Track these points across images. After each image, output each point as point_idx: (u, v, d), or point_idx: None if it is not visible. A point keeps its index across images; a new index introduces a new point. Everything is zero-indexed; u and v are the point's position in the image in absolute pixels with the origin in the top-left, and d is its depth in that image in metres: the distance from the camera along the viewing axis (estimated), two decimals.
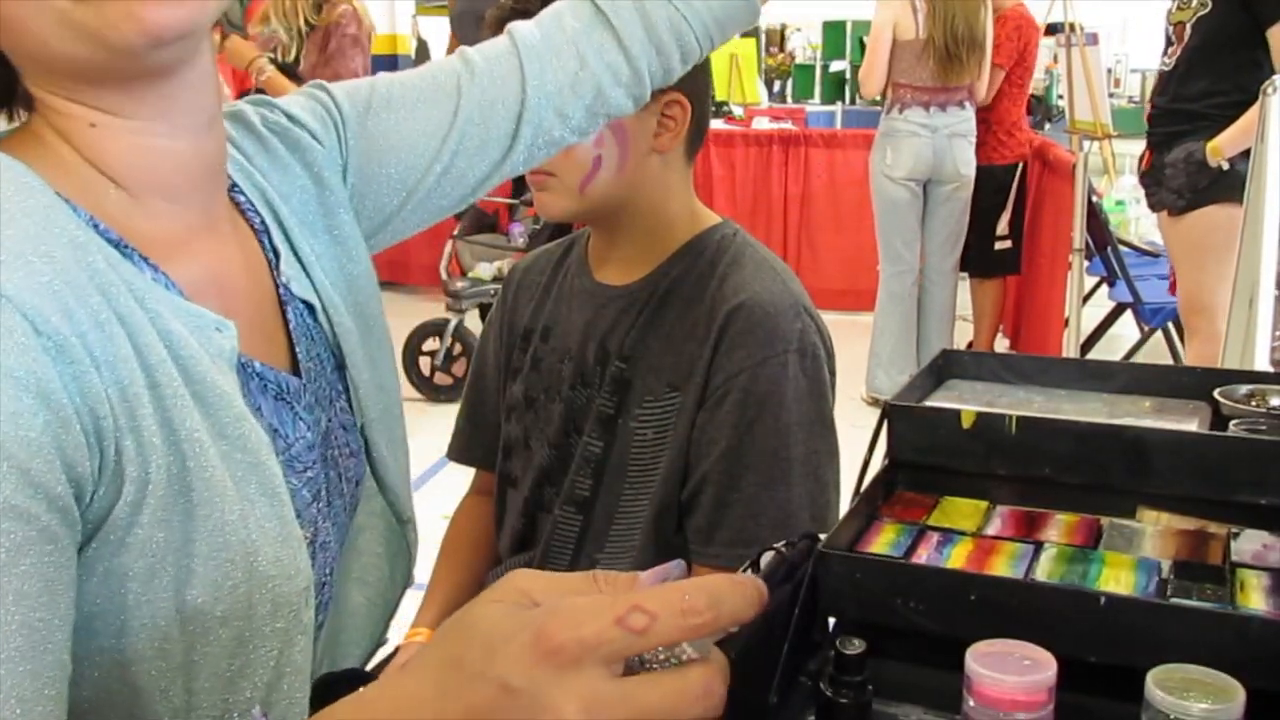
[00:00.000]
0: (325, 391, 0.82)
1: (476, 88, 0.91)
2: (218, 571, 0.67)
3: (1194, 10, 2.99)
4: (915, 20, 4.04)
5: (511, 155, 0.93)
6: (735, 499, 1.17)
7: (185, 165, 0.72)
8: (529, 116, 0.91)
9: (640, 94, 0.96)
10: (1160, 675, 0.57)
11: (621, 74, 0.93)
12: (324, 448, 0.81)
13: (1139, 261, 4.38)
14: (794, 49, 9.32)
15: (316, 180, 0.86)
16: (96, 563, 0.63)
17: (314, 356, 0.82)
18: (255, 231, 0.81)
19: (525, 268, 1.43)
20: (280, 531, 0.70)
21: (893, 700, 0.69)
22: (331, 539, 0.81)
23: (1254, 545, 0.76)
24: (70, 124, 0.69)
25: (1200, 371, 0.96)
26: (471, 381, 1.47)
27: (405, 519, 0.92)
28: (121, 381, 0.63)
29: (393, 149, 0.90)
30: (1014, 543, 0.78)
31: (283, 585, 0.70)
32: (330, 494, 0.81)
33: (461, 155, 0.91)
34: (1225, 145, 2.88)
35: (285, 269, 0.81)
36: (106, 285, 0.64)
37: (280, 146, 0.85)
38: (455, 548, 1.44)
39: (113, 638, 0.64)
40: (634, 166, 1.23)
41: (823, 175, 5.73)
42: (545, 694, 0.42)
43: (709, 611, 0.43)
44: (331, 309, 0.84)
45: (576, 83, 0.92)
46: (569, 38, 0.92)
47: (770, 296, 1.20)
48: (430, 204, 0.93)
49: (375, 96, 0.90)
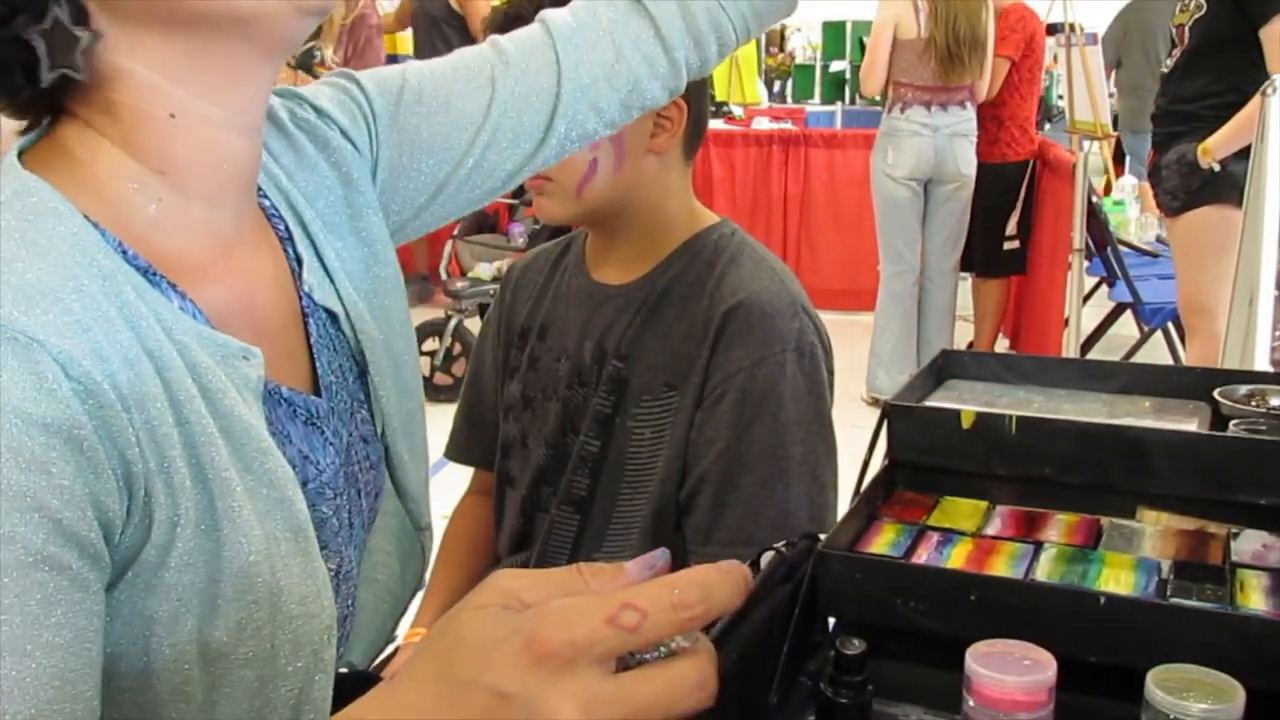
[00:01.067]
0: (346, 404, 0.81)
1: (511, 78, 0.88)
2: (242, 613, 0.65)
3: (1191, 12, 3.00)
4: (917, 19, 4.04)
5: (544, 148, 0.90)
6: (733, 498, 1.17)
7: (241, 166, 0.72)
8: (563, 110, 0.88)
9: (676, 86, 0.93)
10: (1160, 675, 0.57)
11: (659, 66, 0.90)
12: (345, 465, 0.79)
13: (1139, 261, 4.38)
14: (794, 49, 9.32)
15: (345, 180, 0.84)
16: (123, 605, 0.62)
17: (335, 369, 0.80)
18: (280, 238, 0.79)
19: (523, 267, 1.43)
20: (305, 569, 0.69)
21: (893, 700, 0.69)
22: (353, 564, 0.80)
23: (1254, 545, 0.76)
24: (150, 115, 0.67)
25: (1200, 371, 0.96)
26: (469, 381, 1.47)
27: (423, 525, 0.91)
28: (151, 422, 0.62)
29: (424, 144, 0.87)
30: (1014, 543, 0.78)
31: (305, 625, 0.69)
32: (352, 515, 0.80)
33: (494, 148, 0.88)
34: (1216, 147, 2.88)
35: (308, 277, 0.79)
36: (135, 319, 0.63)
37: (309, 145, 0.83)
38: (454, 547, 1.44)
39: (134, 679, 0.63)
40: (631, 168, 1.23)
41: (823, 175, 5.73)
42: (541, 698, 0.41)
43: (700, 605, 0.43)
44: (355, 316, 0.82)
45: (612, 75, 0.89)
46: (605, 28, 0.89)
47: (768, 296, 1.20)
48: (460, 197, 0.90)
49: (407, 89, 0.87)
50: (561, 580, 0.46)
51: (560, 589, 0.45)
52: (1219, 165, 2.89)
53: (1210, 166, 2.90)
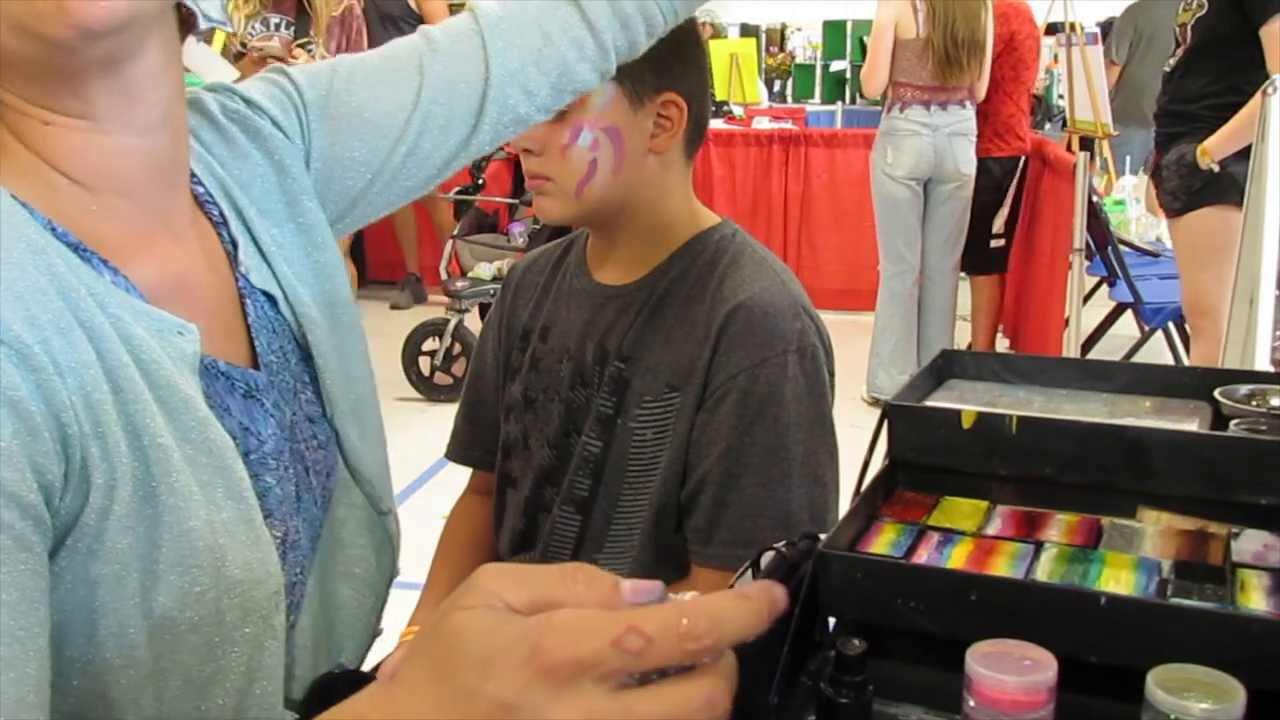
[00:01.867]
0: (289, 384, 0.82)
1: (439, 64, 0.90)
2: (185, 578, 0.66)
3: (1193, 12, 2.99)
4: (916, 20, 4.04)
5: (477, 133, 0.92)
6: (734, 499, 1.17)
7: (140, 162, 0.72)
8: (493, 94, 0.90)
9: (606, 69, 0.95)
10: (1160, 675, 0.57)
11: (587, 49, 0.92)
12: (291, 442, 0.80)
13: (1139, 261, 4.37)
14: (794, 49, 9.31)
15: (278, 168, 0.86)
16: (65, 571, 0.63)
17: (275, 349, 0.82)
18: (214, 224, 0.81)
19: (524, 268, 1.43)
20: (248, 536, 0.70)
21: (893, 700, 0.69)
22: (302, 536, 0.81)
23: (1254, 545, 0.76)
24: (26, 123, 0.68)
25: (1200, 371, 0.96)
26: (470, 382, 1.47)
27: (384, 510, 0.91)
28: (85, 387, 0.63)
29: (356, 130, 0.89)
30: (1014, 543, 0.78)
31: (252, 590, 0.70)
32: (300, 489, 0.81)
33: (426, 135, 0.90)
34: (1215, 147, 2.87)
35: (244, 259, 0.81)
36: (67, 289, 0.64)
37: (240, 135, 0.85)
38: (451, 547, 1.44)
39: (81, 647, 0.64)
40: (631, 168, 1.23)
41: (823, 175, 5.72)
42: (543, 711, 0.41)
43: (709, 636, 0.43)
44: (295, 299, 0.83)
45: (541, 59, 0.91)
46: (532, 14, 0.91)
47: (769, 297, 1.20)
48: (397, 185, 0.92)
49: (337, 78, 0.90)
50: (547, 582, 0.45)
51: (546, 594, 0.44)
52: (1218, 166, 2.89)
53: (1210, 168, 2.90)
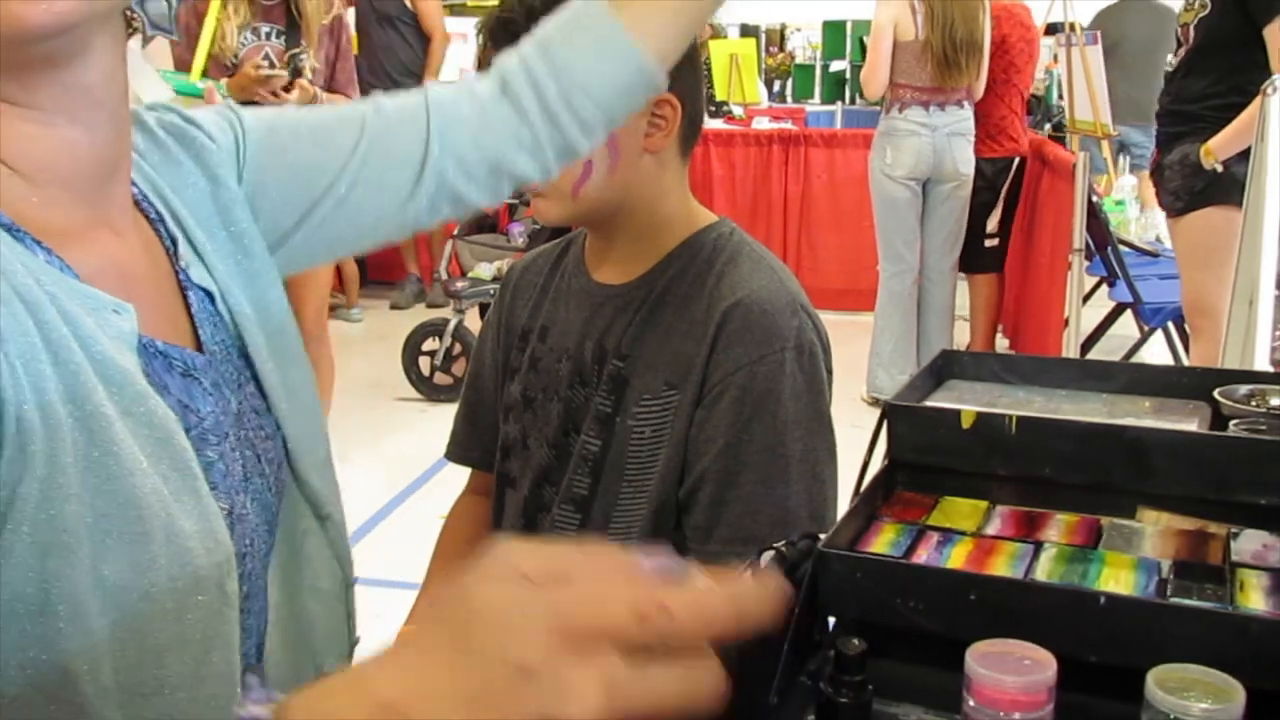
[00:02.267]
0: (233, 375, 0.83)
1: (382, 124, 0.94)
2: (134, 546, 0.67)
3: (1196, 11, 2.99)
4: (914, 21, 4.04)
5: (414, 201, 0.94)
6: (733, 496, 1.17)
7: (83, 156, 0.73)
8: (431, 164, 0.94)
9: (544, 162, 0.97)
10: (1160, 675, 0.57)
11: (524, 140, 0.96)
12: (238, 428, 0.81)
13: (1139, 261, 4.38)
14: (794, 49, 9.29)
15: (211, 179, 0.88)
16: (14, 545, 0.63)
17: (218, 341, 0.83)
18: (151, 221, 0.82)
19: (523, 268, 1.43)
20: (196, 506, 0.71)
21: (893, 700, 0.69)
22: (250, 513, 0.81)
23: (1254, 545, 0.76)
24: None
25: (1200, 371, 0.96)
26: (469, 382, 1.47)
27: (324, 514, 0.92)
28: (25, 355, 0.64)
29: (289, 166, 0.92)
30: (1014, 543, 0.78)
31: (202, 559, 0.70)
32: (249, 471, 0.82)
33: (360, 186, 0.93)
34: (1219, 148, 2.87)
35: (184, 254, 0.83)
36: (3, 264, 0.65)
37: (174, 145, 0.87)
38: (449, 548, 1.44)
39: (33, 620, 0.64)
40: (626, 168, 1.23)
41: (823, 175, 5.73)
42: (565, 676, 0.41)
43: (729, 618, 0.44)
44: (230, 298, 0.85)
45: (478, 142, 0.95)
46: (478, 105, 0.96)
47: (767, 294, 1.20)
48: (327, 232, 0.94)
49: (281, 117, 0.94)
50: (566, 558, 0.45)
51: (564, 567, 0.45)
52: (1222, 166, 2.89)
53: (1213, 168, 2.90)
